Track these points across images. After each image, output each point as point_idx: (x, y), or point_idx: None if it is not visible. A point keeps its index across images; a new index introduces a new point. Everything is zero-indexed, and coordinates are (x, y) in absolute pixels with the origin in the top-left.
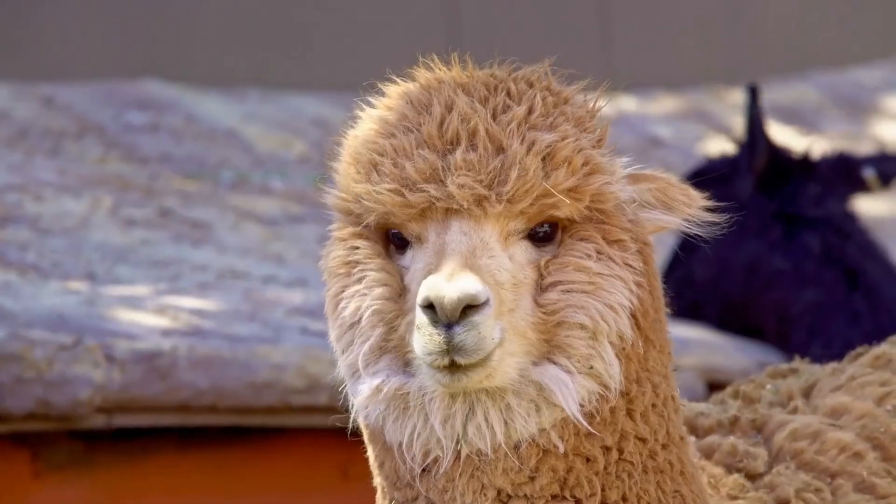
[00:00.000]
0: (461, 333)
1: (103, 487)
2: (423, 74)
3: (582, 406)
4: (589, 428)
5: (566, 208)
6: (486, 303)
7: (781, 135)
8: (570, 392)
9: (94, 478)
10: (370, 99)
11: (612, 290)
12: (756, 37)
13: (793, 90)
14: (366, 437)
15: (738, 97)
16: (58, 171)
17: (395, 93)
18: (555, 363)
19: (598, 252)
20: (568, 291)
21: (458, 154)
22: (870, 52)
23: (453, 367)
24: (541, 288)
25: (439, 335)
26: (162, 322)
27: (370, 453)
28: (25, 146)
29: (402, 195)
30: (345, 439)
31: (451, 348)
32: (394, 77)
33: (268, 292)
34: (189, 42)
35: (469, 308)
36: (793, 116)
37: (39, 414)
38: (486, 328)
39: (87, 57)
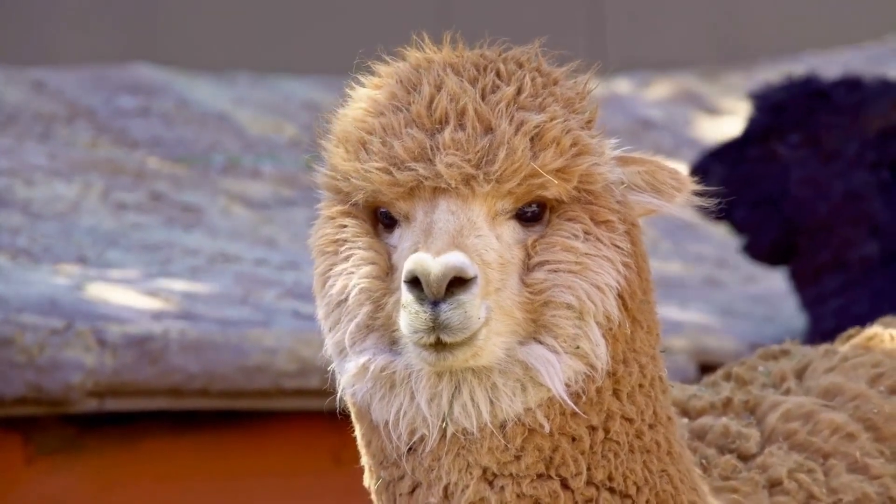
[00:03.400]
0: (447, 311)
1: (95, 471)
2: (412, 54)
3: (568, 386)
4: (574, 408)
5: (554, 188)
6: (472, 280)
7: None
8: (556, 372)
9: (86, 462)
10: (360, 78)
11: (599, 271)
12: (748, 19)
13: (784, 72)
14: (353, 416)
15: (731, 79)
16: (49, 155)
17: (384, 72)
18: (541, 343)
19: (586, 232)
20: (555, 271)
21: (447, 133)
22: (860, 33)
23: (439, 346)
24: (528, 268)
25: (425, 312)
26: (153, 306)
27: (357, 432)
28: (16, 131)
29: (390, 173)
30: (337, 423)
31: (436, 326)
32: (384, 57)
33: (259, 276)
34: (180, 26)
35: (455, 286)
36: None
37: (31, 398)
38: (473, 307)
39: (78, 41)
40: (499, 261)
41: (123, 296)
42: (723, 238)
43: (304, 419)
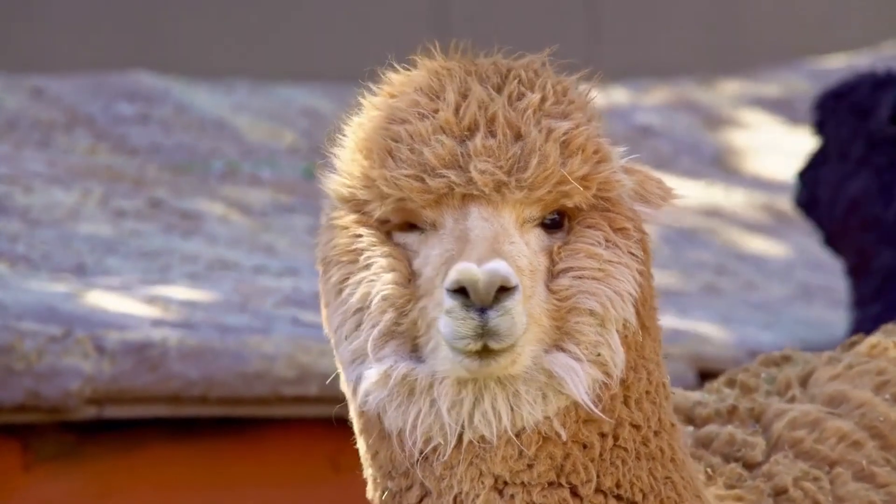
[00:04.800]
0: (495, 318)
1: (94, 479)
2: (425, 62)
3: (587, 394)
4: (601, 415)
5: (577, 196)
6: (515, 287)
7: (771, 124)
8: (580, 380)
9: (85, 469)
10: (371, 87)
11: (621, 278)
12: (747, 27)
13: (783, 79)
14: (358, 426)
15: (729, 87)
16: (47, 162)
17: (398, 81)
18: (564, 350)
19: (606, 240)
20: (580, 278)
21: (478, 140)
22: (858, 41)
23: (483, 352)
24: (552, 274)
25: (473, 319)
26: (152, 313)
27: (362, 444)
28: (15, 137)
29: (422, 180)
30: (335, 430)
31: (485, 332)
32: (394, 65)
33: (258, 283)
34: (178, 33)
35: (501, 293)
36: (783, 105)
37: (30, 406)
38: (518, 313)
39: (77, 48)
40: (529, 268)
41: (122, 303)
42: (722, 245)
43: (303, 426)
